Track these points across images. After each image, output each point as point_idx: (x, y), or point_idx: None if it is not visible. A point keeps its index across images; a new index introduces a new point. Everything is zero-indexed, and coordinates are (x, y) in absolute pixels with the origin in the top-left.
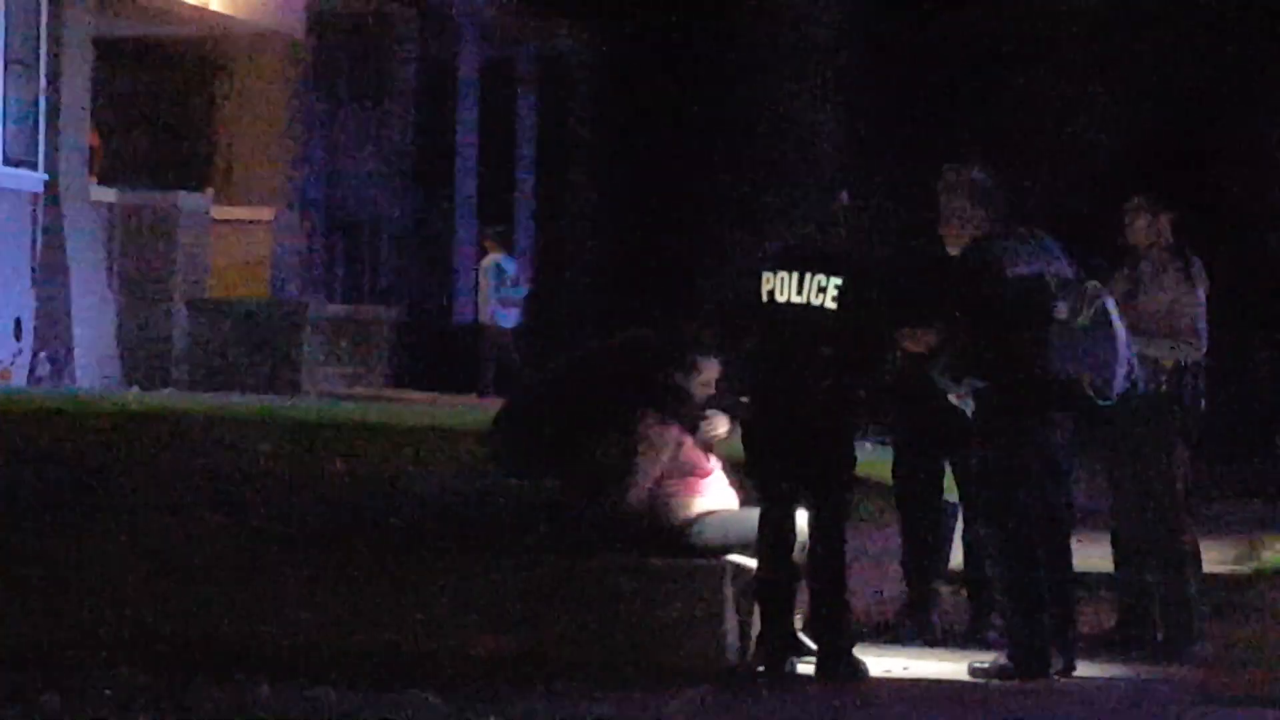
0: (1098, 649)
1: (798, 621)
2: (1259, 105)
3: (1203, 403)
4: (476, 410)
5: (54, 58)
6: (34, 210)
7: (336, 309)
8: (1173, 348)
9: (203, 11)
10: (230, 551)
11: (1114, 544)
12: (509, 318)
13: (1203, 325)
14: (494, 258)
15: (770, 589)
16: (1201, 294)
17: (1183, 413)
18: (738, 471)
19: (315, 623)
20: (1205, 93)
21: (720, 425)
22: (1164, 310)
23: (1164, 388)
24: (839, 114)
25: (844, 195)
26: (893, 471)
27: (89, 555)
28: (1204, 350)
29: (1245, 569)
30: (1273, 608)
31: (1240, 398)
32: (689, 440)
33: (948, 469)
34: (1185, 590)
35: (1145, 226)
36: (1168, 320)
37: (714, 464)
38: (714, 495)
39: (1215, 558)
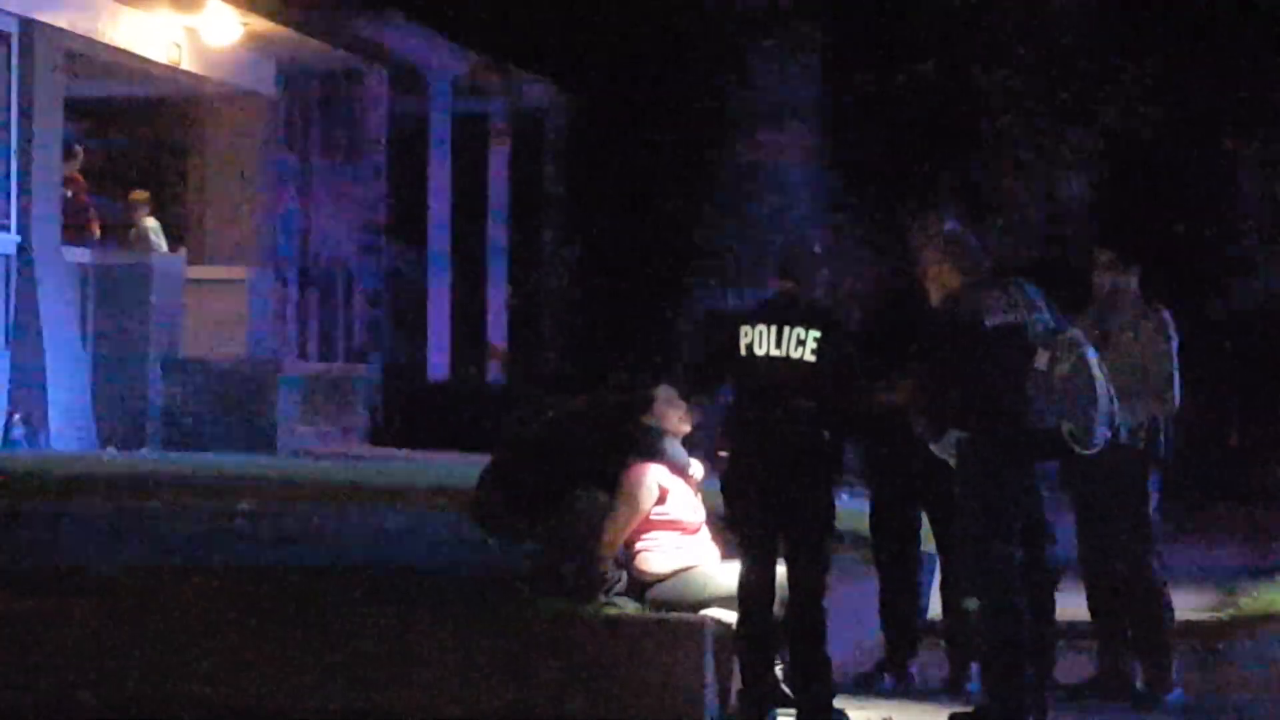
0: (1076, 698)
1: (778, 673)
2: (1227, 156)
3: (1169, 454)
4: (452, 467)
5: (25, 119)
6: (7, 272)
7: (311, 367)
8: (1147, 402)
9: (174, 71)
10: (207, 613)
11: (1089, 593)
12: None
13: (1177, 379)
14: (149, 216)
15: (750, 641)
16: (1174, 346)
17: (1156, 466)
18: (717, 524)
19: (293, 683)
20: (1174, 142)
21: (696, 470)
22: (1137, 365)
23: (1141, 444)
24: (813, 165)
25: (816, 248)
26: (870, 523)
27: (64, 618)
28: (1178, 403)
29: (1222, 616)
30: (1250, 654)
31: (1212, 444)
32: (675, 492)
33: (924, 520)
34: (1162, 638)
35: (1115, 279)
36: (1141, 375)
37: (700, 519)
38: (696, 550)
39: (1192, 604)
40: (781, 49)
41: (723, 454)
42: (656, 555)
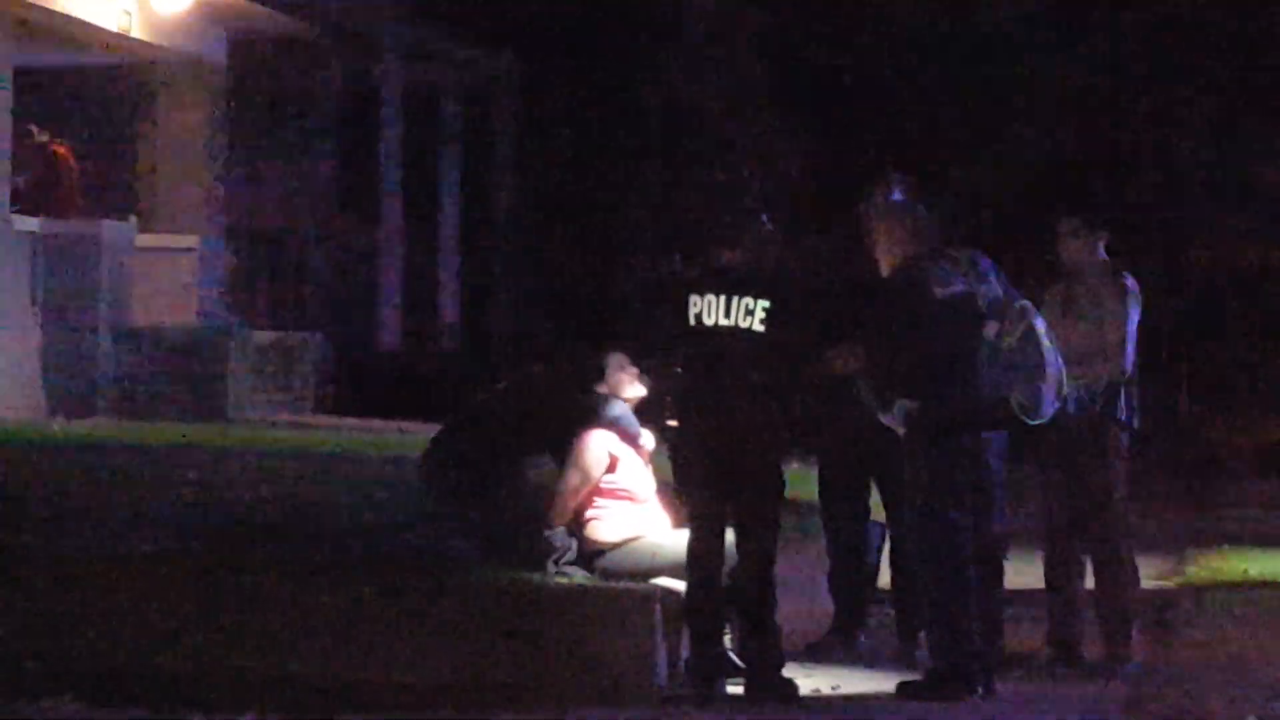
0: (1024, 667)
1: (727, 642)
2: (1181, 123)
3: (1136, 420)
4: (402, 436)
5: None
6: None
7: (262, 335)
8: (1104, 366)
9: (124, 39)
10: (159, 580)
11: (1047, 562)
12: None
13: (1132, 344)
14: None
15: (699, 610)
16: (1135, 313)
17: (1119, 430)
18: (668, 494)
19: (246, 651)
20: (1128, 111)
21: (647, 440)
22: (1096, 330)
23: (1099, 406)
24: (765, 134)
25: (765, 219)
26: (819, 492)
27: (13, 586)
28: (1130, 369)
29: (1171, 584)
30: (1198, 623)
31: (1160, 411)
32: (625, 461)
33: (874, 488)
34: (1125, 609)
35: (1080, 247)
36: (1100, 339)
37: (651, 489)
38: (646, 520)
39: (1141, 573)
40: (734, 21)
41: (672, 424)
42: (606, 524)
